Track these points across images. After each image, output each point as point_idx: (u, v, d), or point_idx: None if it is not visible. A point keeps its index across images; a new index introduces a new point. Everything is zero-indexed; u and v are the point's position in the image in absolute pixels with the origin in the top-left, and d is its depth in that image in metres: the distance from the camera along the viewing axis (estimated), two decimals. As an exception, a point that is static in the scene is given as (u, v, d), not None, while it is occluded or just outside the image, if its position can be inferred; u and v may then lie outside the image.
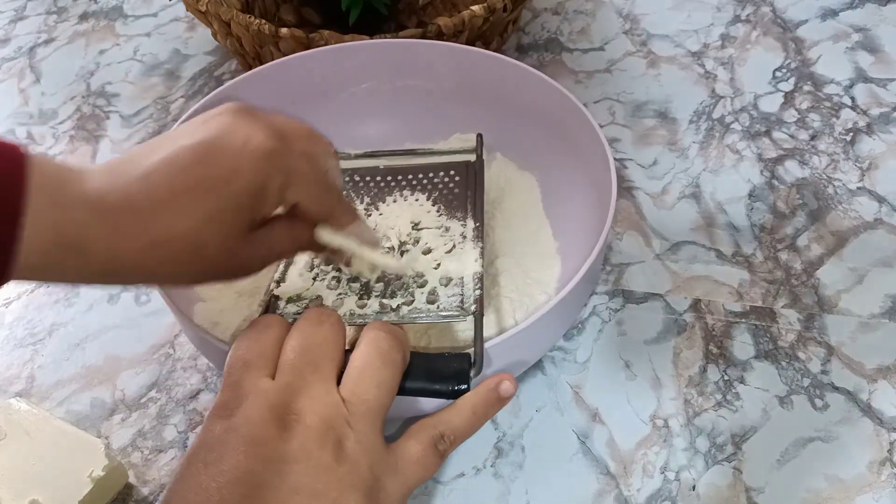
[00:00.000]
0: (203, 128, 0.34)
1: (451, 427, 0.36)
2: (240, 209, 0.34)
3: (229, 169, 0.33)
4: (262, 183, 0.34)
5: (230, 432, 0.32)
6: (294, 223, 0.38)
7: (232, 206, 0.33)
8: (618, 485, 0.46)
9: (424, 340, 0.46)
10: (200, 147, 0.33)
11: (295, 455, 0.32)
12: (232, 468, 0.31)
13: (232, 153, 0.33)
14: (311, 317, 0.37)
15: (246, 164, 0.33)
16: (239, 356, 0.35)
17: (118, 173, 0.32)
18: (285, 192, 0.35)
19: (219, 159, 0.33)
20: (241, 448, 0.31)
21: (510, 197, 0.56)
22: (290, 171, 0.35)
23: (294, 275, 0.46)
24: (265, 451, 0.31)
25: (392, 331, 0.37)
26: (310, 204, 0.37)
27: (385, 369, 0.35)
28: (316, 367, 0.35)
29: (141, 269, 0.33)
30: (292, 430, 0.32)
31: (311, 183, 0.37)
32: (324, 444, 0.32)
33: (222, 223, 0.33)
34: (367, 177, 0.53)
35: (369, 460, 0.33)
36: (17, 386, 0.52)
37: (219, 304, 0.49)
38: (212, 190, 0.33)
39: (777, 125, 0.66)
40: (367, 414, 0.34)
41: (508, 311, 0.48)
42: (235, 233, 0.34)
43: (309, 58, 0.57)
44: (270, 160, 0.34)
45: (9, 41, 0.79)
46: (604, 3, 0.79)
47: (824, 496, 0.45)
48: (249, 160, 0.34)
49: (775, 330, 0.53)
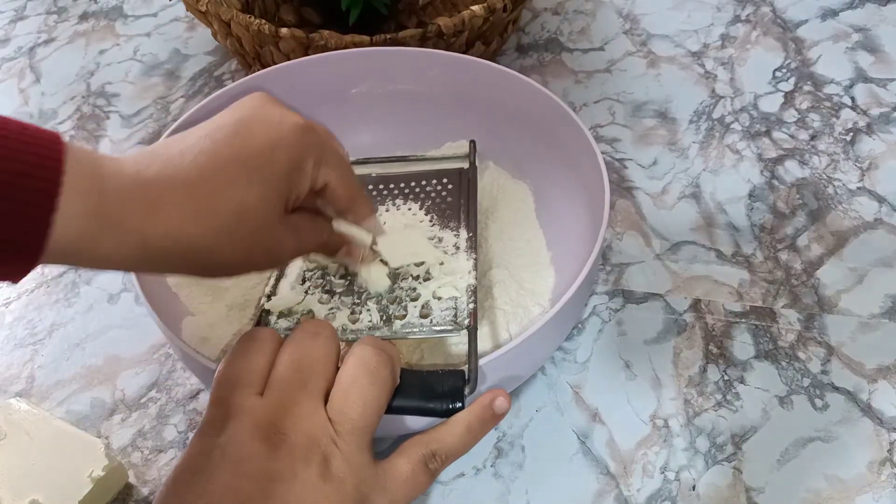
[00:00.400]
0: (235, 110, 0.35)
1: (443, 446, 0.36)
2: (281, 180, 0.35)
3: (270, 140, 0.34)
4: (301, 155, 0.35)
5: (216, 451, 0.32)
6: (316, 217, 0.39)
7: (275, 176, 0.34)
8: (618, 485, 0.46)
9: (417, 355, 0.46)
10: (240, 123, 0.34)
11: (281, 474, 0.32)
12: (218, 487, 0.31)
13: (271, 127, 0.35)
14: (307, 329, 0.37)
15: (285, 136, 0.35)
16: (227, 372, 0.35)
17: (154, 155, 0.33)
18: (319, 169, 0.36)
19: (260, 132, 0.34)
20: (228, 467, 0.31)
21: (503, 206, 0.56)
22: (323, 148, 0.37)
23: (285, 288, 0.45)
24: (251, 470, 0.31)
25: (381, 347, 0.36)
26: (339, 185, 0.38)
27: (372, 387, 0.35)
28: (305, 384, 0.34)
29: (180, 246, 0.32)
30: (278, 449, 0.32)
31: (341, 164, 0.38)
32: (309, 462, 0.32)
33: (266, 193, 0.34)
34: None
35: (356, 479, 0.33)
36: (17, 386, 0.52)
37: (208, 318, 0.49)
38: (255, 158, 0.34)
39: (777, 125, 0.66)
40: (354, 432, 0.34)
41: (502, 323, 0.48)
42: (276, 207, 0.35)
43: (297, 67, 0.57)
44: (307, 135, 0.36)
45: (9, 41, 0.79)
46: (604, 3, 0.79)
47: (824, 496, 0.45)
48: (288, 133, 0.35)
49: (775, 330, 0.53)
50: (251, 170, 0.33)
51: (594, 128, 0.67)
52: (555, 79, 0.71)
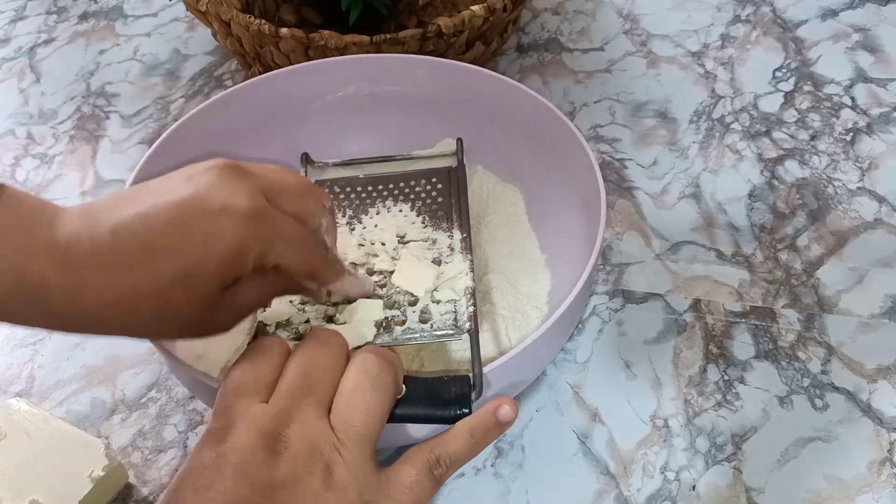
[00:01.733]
0: (185, 185, 0.33)
1: (447, 451, 0.35)
2: (212, 275, 0.32)
3: (204, 234, 0.32)
4: (239, 250, 0.33)
5: (219, 458, 0.32)
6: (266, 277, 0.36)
7: (203, 272, 0.32)
8: (618, 485, 0.46)
9: (417, 363, 0.46)
10: (178, 207, 0.32)
11: (283, 482, 0.31)
12: (220, 494, 0.30)
13: (209, 216, 0.32)
14: (317, 337, 0.37)
15: (222, 230, 0.32)
16: (233, 380, 0.35)
17: (92, 221, 0.31)
18: (264, 258, 0.34)
19: (195, 222, 0.32)
20: (230, 474, 0.31)
21: (494, 210, 0.55)
22: (270, 237, 0.34)
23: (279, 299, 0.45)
24: (254, 478, 0.31)
25: (382, 353, 0.36)
26: (291, 266, 0.36)
27: (374, 393, 0.35)
28: (311, 392, 0.34)
29: (103, 324, 0.32)
30: (281, 457, 0.32)
31: (293, 246, 0.35)
32: (312, 470, 0.32)
33: (192, 287, 0.32)
34: (348, 187, 0.51)
35: (359, 486, 0.33)
36: (17, 386, 0.52)
37: None
38: (183, 253, 0.32)
39: (777, 125, 0.66)
40: (357, 439, 0.34)
41: (501, 328, 0.48)
42: (205, 296, 0.33)
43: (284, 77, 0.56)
44: (249, 227, 0.33)
45: (9, 41, 0.79)
46: (604, 3, 0.79)
47: (824, 496, 0.45)
48: (227, 225, 0.32)
49: (775, 330, 0.53)
50: (177, 264, 0.32)
51: (594, 128, 0.67)
52: (555, 79, 0.71)
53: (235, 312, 0.35)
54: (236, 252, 0.33)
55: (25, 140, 0.69)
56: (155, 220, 0.32)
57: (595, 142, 0.65)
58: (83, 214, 0.32)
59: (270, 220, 0.34)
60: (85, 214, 0.32)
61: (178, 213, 0.32)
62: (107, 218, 0.32)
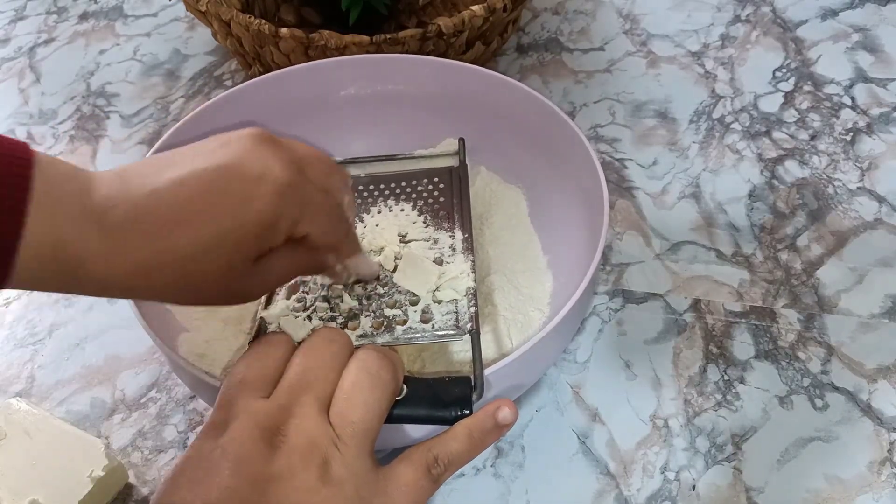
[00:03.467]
0: (221, 151, 0.33)
1: (446, 451, 0.35)
2: (246, 241, 0.33)
3: (242, 199, 0.32)
4: (274, 217, 0.33)
5: (217, 451, 0.32)
6: (297, 250, 0.36)
7: (240, 237, 0.32)
8: (618, 485, 0.46)
9: (418, 364, 0.46)
10: (215, 172, 0.32)
11: (280, 475, 0.32)
12: (216, 487, 0.31)
13: (247, 183, 0.32)
14: (322, 335, 0.37)
15: (260, 196, 0.32)
16: (238, 375, 0.35)
17: (128, 185, 0.31)
18: (296, 227, 0.34)
19: (232, 188, 0.32)
20: (227, 467, 0.31)
21: (497, 211, 0.55)
22: (304, 204, 0.34)
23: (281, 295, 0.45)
24: (250, 471, 0.31)
25: (382, 351, 0.37)
26: (319, 236, 0.36)
27: (373, 390, 0.35)
28: (312, 388, 0.34)
29: (135, 289, 0.32)
30: (279, 451, 0.32)
31: (323, 216, 0.36)
32: (308, 465, 0.32)
33: (225, 253, 0.32)
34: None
35: (356, 482, 0.33)
36: (17, 386, 0.52)
37: (203, 334, 0.48)
38: (219, 219, 0.32)
39: (777, 125, 0.66)
40: (355, 436, 0.34)
41: (503, 330, 0.48)
42: (238, 263, 0.33)
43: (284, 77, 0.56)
44: (285, 194, 0.33)
45: (9, 41, 0.79)
46: (604, 3, 0.79)
47: (824, 496, 0.45)
48: (264, 193, 0.32)
49: (775, 330, 0.53)
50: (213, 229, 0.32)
51: (594, 128, 0.67)
52: (555, 79, 0.71)
53: (264, 282, 0.36)
54: (273, 218, 0.33)
55: (25, 140, 0.69)
56: (194, 184, 0.32)
57: (595, 142, 0.65)
58: (119, 177, 0.32)
59: (304, 190, 0.34)
60: (121, 177, 0.32)
61: (217, 179, 0.32)
62: (142, 183, 0.32)
